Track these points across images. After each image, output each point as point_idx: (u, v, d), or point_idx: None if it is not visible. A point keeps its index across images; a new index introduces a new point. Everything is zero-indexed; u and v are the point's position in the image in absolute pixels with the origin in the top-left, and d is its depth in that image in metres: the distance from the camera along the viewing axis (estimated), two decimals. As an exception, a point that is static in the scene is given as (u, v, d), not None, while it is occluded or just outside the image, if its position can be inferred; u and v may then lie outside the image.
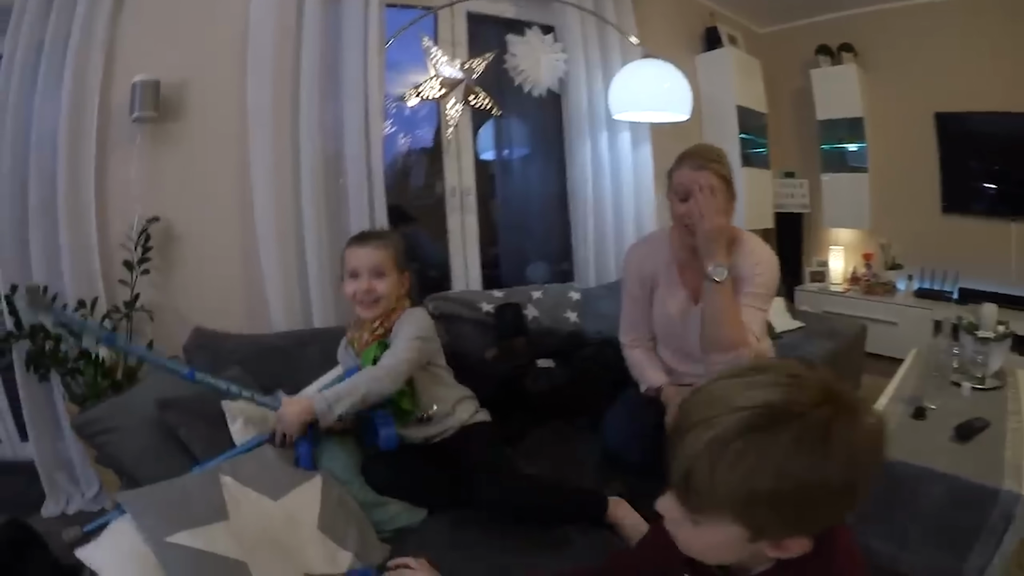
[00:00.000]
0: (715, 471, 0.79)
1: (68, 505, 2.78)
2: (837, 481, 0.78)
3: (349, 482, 1.91)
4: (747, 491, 0.78)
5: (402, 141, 3.73)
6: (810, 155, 5.44)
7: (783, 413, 0.79)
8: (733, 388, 0.84)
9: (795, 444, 0.77)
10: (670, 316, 2.30)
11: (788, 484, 0.77)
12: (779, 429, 0.78)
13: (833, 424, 0.78)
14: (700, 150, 2.15)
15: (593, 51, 3.79)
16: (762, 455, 0.78)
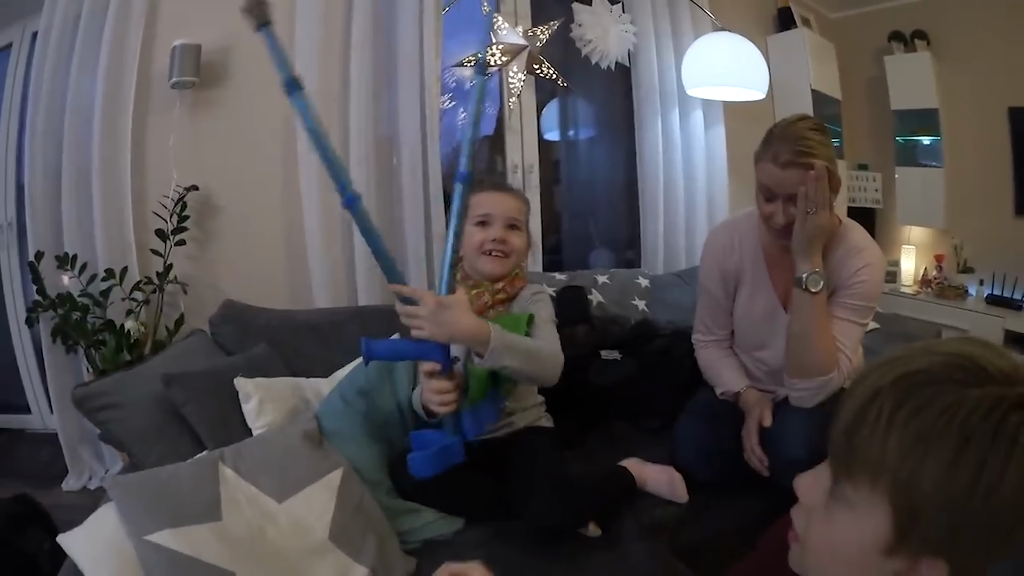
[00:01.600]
0: (893, 418, 0.63)
1: (90, 480, 2.73)
2: (1017, 486, 0.60)
3: (375, 484, 1.67)
4: (919, 457, 0.62)
5: (462, 116, 3.54)
6: (884, 147, 5.12)
7: (983, 371, 0.63)
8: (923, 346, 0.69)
9: (991, 410, 0.60)
10: (754, 320, 2.00)
11: (967, 469, 0.60)
12: (977, 386, 0.61)
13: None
14: (789, 133, 1.72)
15: (663, 23, 3.61)
16: (951, 413, 0.61)
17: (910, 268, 5.16)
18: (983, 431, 0.60)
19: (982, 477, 0.60)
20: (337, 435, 1.69)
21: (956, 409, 0.61)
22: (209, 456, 1.52)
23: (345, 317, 2.42)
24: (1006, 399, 0.61)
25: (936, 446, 0.61)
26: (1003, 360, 0.65)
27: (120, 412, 1.74)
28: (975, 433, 0.60)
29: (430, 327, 1.39)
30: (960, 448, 0.60)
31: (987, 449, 0.59)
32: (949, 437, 0.61)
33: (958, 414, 0.61)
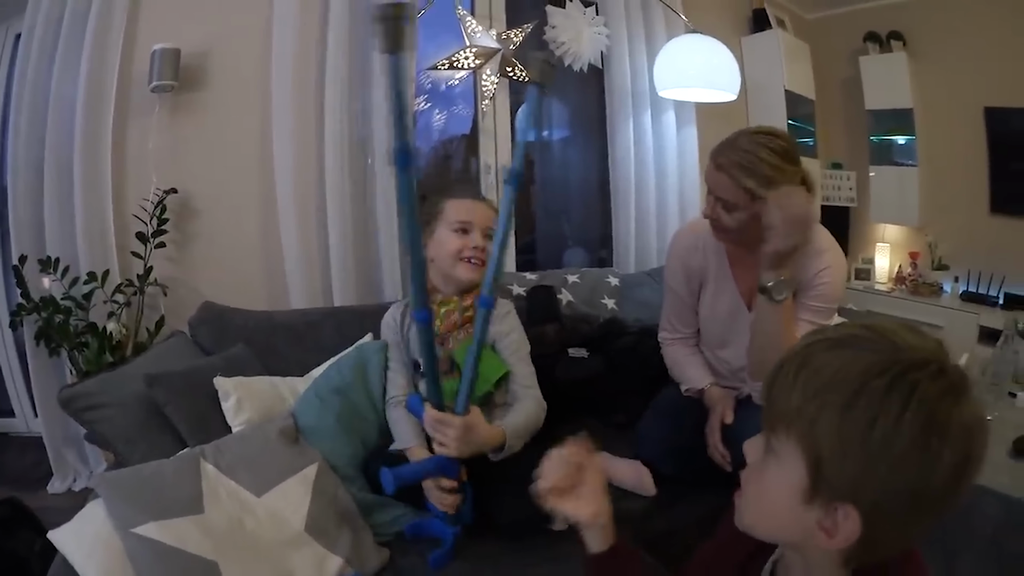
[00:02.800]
0: (799, 373, 0.71)
1: (75, 482, 2.73)
2: (917, 440, 0.65)
3: (349, 478, 1.72)
4: (818, 405, 0.69)
5: (437, 118, 3.58)
6: (858, 146, 5.18)
7: (891, 344, 0.69)
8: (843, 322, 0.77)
9: (883, 369, 0.66)
10: (718, 319, 2.03)
11: (861, 417, 0.66)
12: (879, 352, 0.69)
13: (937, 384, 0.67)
14: (743, 142, 1.72)
15: (636, 26, 3.64)
16: (847, 368, 0.68)
17: (884, 266, 5.20)
18: (876, 385, 0.65)
19: (876, 427, 0.65)
20: (313, 432, 1.74)
21: (852, 365, 0.68)
22: (191, 452, 1.57)
23: (320, 318, 2.44)
24: (903, 360, 0.67)
25: (831, 395, 0.67)
26: (915, 337, 0.70)
27: (105, 412, 1.77)
28: (868, 386, 0.66)
29: (459, 447, 1.50)
30: (853, 398, 0.66)
31: (880, 401, 0.65)
32: (844, 388, 0.67)
33: (853, 369, 0.67)
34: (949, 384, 0.67)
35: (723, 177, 1.71)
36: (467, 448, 1.51)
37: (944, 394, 0.66)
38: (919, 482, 0.66)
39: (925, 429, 0.64)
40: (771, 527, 0.82)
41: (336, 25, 2.71)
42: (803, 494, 0.72)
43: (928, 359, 0.67)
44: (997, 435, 2.04)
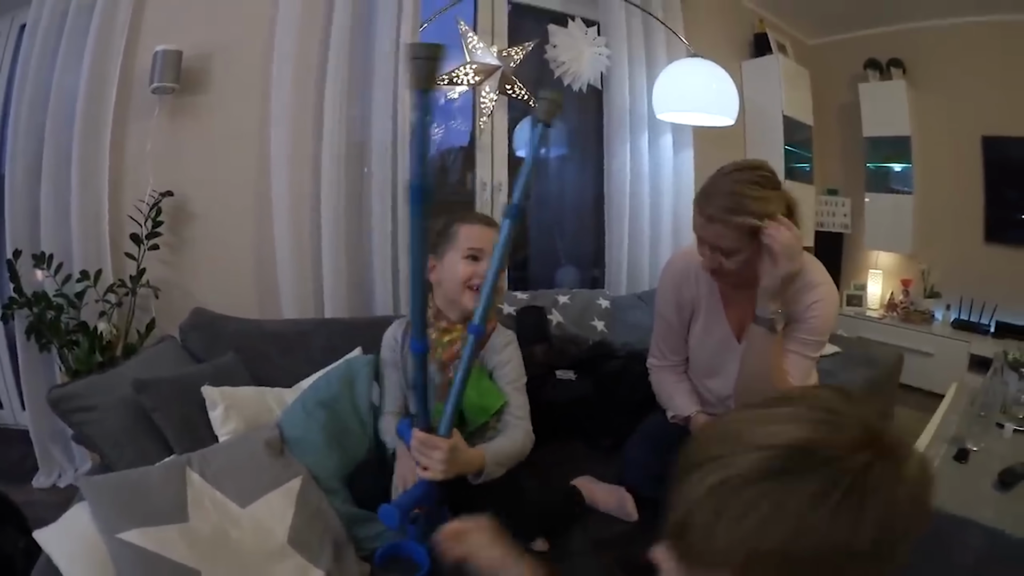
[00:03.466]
0: (718, 521, 0.65)
1: (60, 478, 2.73)
2: (866, 545, 0.62)
3: (333, 492, 1.73)
4: (752, 549, 0.64)
5: (436, 131, 3.59)
6: (854, 173, 5.24)
7: (810, 457, 0.64)
8: (754, 422, 0.70)
9: (820, 496, 0.62)
10: (708, 349, 2.02)
11: (804, 545, 0.62)
12: (803, 476, 0.63)
13: (871, 474, 0.63)
14: (722, 186, 1.71)
15: (637, 48, 3.66)
16: (777, 507, 0.63)
17: (876, 292, 5.23)
18: (821, 518, 0.62)
19: (833, 541, 0.62)
20: (298, 444, 1.75)
21: (784, 501, 0.63)
22: (177, 460, 1.57)
23: (311, 328, 2.45)
24: (840, 476, 0.62)
25: (770, 533, 0.63)
26: (838, 432, 0.65)
27: (93, 415, 1.78)
28: (811, 523, 0.62)
29: (446, 468, 1.51)
30: (795, 534, 0.62)
31: (830, 525, 0.62)
32: (779, 529, 0.63)
33: (787, 507, 0.63)
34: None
35: (716, 227, 1.69)
36: (452, 468, 1.52)
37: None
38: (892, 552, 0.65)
39: (879, 542, 0.63)
40: None
41: (337, 32, 2.73)
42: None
43: (859, 462, 0.64)
44: (983, 467, 2.07)
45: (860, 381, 3.16)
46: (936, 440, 2.32)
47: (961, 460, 2.14)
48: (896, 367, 3.70)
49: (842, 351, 3.51)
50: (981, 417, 2.43)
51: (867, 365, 3.37)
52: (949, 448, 2.23)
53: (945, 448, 2.24)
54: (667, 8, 3.72)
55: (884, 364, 3.52)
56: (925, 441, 2.30)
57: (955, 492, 1.93)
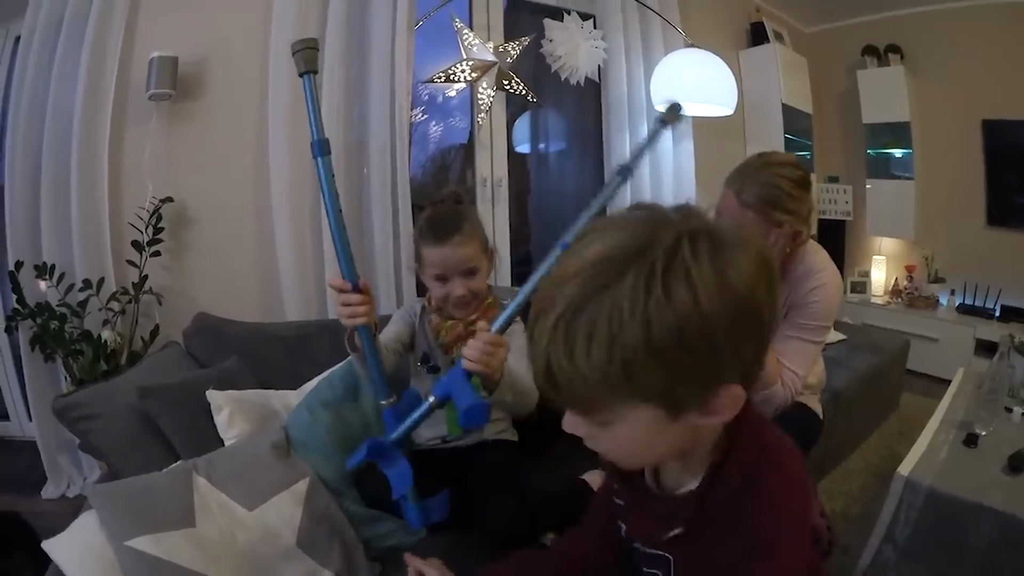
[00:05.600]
0: (573, 357, 0.67)
1: (69, 488, 2.72)
2: (717, 306, 0.65)
3: (341, 492, 1.71)
4: (621, 363, 0.65)
5: (434, 130, 3.59)
6: (855, 160, 5.24)
7: (617, 260, 0.66)
8: (566, 258, 0.72)
9: (644, 285, 0.64)
10: None
11: (659, 332, 0.64)
12: (621, 276, 0.65)
13: (682, 250, 0.66)
14: (764, 177, 1.75)
15: (634, 39, 3.66)
16: (613, 315, 0.65)
17: (881, 279, 5.22)
18: (659, 302, 0.64)
19: (685, 316, 0.64)
20: (303, 446, 1.74)
21: (616, 305, 0.65)
22: (183, 466, 1.57)
23: (314, 330, 2.45)
24: (659, 261, 0.65)
25: (624, 340, 0.65)
26: (654, 232, 0.68)
27: (99, 423, 1.78)
28: (652, 311, 0.64)
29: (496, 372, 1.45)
30: (645, 326, 0.64)
31: (669, 306, 0.64)
32: (629, 332, 0.64)
33: (620, 309, 0.65)
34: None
35: (751, 214, 1.73)
36: (494, 362, 1.44)
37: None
38: (753, 309, 0.68)
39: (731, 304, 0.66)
40: (657, 455, 0.82)
41: (333, 35, 2.72)
42: (668, 418, 0.73)
43: (675, 248, 0.66)
44: (992, 451, 2.06)
45: (864, 368, 3.17)
46: (945, 425, 2.31)
47: (970, 445, 2.13)
48: (902, 353, 3.70)
49: (847, 338, 3.51)
50: (989, 401, 2.41)
51: (873, 352, 3.37)
52: (958, 433, 2.22)
53: (954, 433, 2.23)
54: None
55: (890, 350, 3.53)
56: (933, 427, 2.29)
57: (965, 477, 1.93)
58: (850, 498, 2.78)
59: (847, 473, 3.00)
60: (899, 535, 1.93)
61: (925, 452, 2.07)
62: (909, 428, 3.31)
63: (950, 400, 2.56)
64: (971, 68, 4.55)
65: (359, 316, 1.49)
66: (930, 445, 2.13)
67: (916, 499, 1.90)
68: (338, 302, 1.50)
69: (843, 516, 2.63)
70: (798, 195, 1.73)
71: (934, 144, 4.80)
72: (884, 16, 4.98)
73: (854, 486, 2.88)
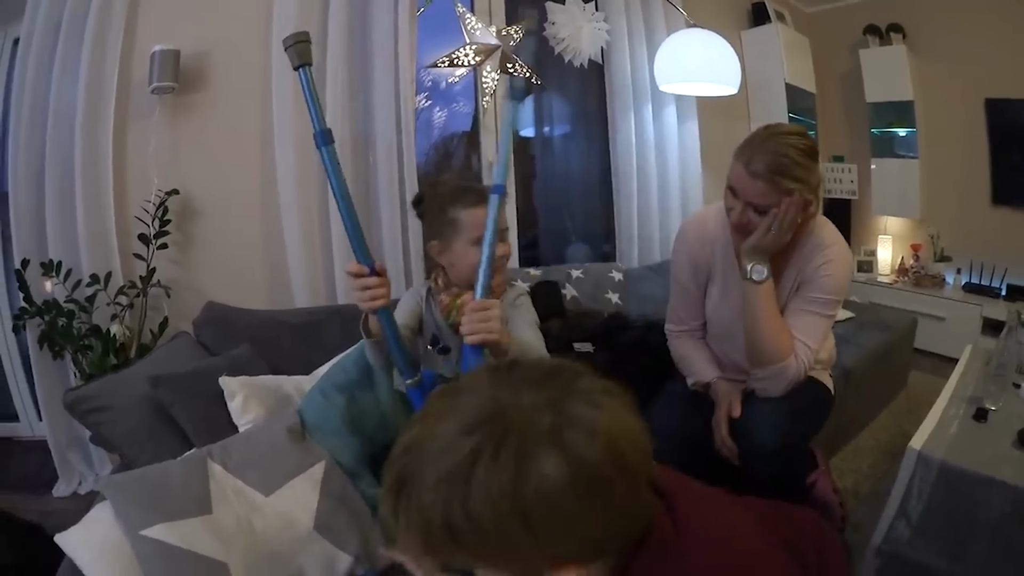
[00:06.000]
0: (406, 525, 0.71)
1: (80, 485, 2.73)
2: (503, 510, 0.65)
3: (357, 475, 1.71)
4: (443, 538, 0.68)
5: (437, 116, 3.58)
6: (859, 139, 5.20)
7: (447, 444, 0.69)
8: (427, 418, 0.75)
9: (453, 475, 0.67)
10: (724, 313, 2.02)
11: (459, 521, 0.66)
12: (443, 458, 0.69)
13: (492, 452, 0.66)
14: (772, 146, 1.72)
15: (636, 21, 3.65)
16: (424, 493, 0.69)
17: (887, 258, 5.21)
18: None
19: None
20: (318, 429, 1.72)
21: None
22: (198, 453, 1.56)
23: (324, 316, 2.45)
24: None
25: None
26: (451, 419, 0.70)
27: (110, 414, 1.77)
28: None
29: (501, 325, 1.49)
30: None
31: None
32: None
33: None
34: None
35: (760, 184, 1.71)
36: (505, 334, 1.51)
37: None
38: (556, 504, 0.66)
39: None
40: None
41: (336, 24, 2.71)
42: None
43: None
44: (1002, 426, 2.04)
45: (873, 346, 3.16)
46: (954, 400, 2.30)
47: (980, 420, 2.12)
48: (910, 332, 3.69)
49: (855, 316, 3.50)
50: (997, 377, 2.40)
51: (881, 330, 3.36)
52: (967, 408, 2.21)
53: (964, 408, 2.22)
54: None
55: (898, 329, 3.52)
56: (943, 402, 2.28)
57: (976, 451, 1.90)
58: (860, 475, 2.77)
59: (857, 451, 2.99)
60: (912, 510, 1.92)
61: (936, 427, 2.05)
62: (917, 406, 3.30)
63: (959, 376, 2.54)
64: (974, 46, 4.51)
65: (379, 299, 1.48)
66: (940, 420, 2.11)
67: (928, 473, 1.88)
68: (356, 287, 1.49)
69: (854, 493, 2.62)
70: (806, 164, 1.71)
71: (938, 123, 4.77)
72: (885, -5, 4.95)
73: (864, 464, 2.87)
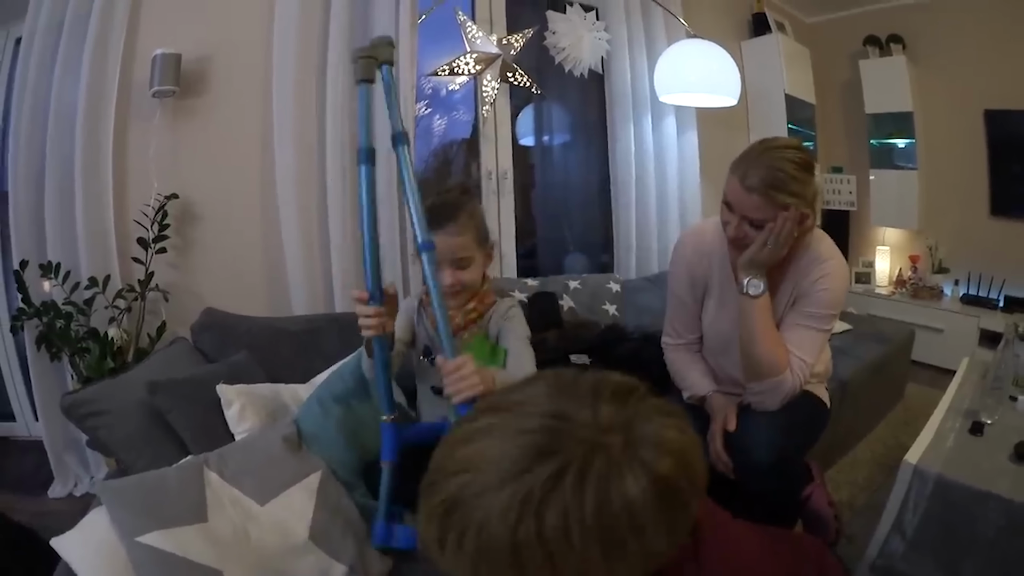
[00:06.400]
0: (443, 551, 0.66)
1: (76, 487, 2.72)
2: (587, 540, 0.62)
3: (353, 486, 1.72)
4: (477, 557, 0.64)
5: (438, 123, 3.58)
6: (858, 150, 5.20)
7: (508, 470, 0.64)
8: (466, 438, 0.71)
9: (521, 504, 0.62)
10: (721, 326, 2.04)
11: (529, 552, 0.62)
12: (502, 487, 0.64)
13: (574, 480, 0.63)
14: (767, 160, 1.72)
15: (637, 31, 3.65)
16: (483, 522, 0.63)
17: (885, 269, 5.21)
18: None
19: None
20: (315, 439, 1.73)
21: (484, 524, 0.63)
22: (194, 460, 1.57)
23: (322, 324, 2.45)
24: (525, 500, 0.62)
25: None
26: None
27: (107, 419, 1.78)
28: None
29: (481, 380, 1.45)
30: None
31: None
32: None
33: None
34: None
35: (755, 198, 1.72)
36: (484, 381, 1.46)
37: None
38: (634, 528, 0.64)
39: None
40: None
41: (337, 29, 2.71)
42: None
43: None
44: (999, 440, 2.04)
45: (870, 358, 3.16)
46: (951, 414, 2.30)
47: (976, 433, 2.12)
48: (907, 344, 3.69)
49: (853, 328, 3.51)
50: (994, 390, 2.40)
51: (878, 342, 3.37)
52: (964, 422, 2.21)
53: (960, 421, 2.23)
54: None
55: (895, 341, 3.52)
56: (940, 415, 2.29)
57: (972, 465, 1.91)
58: (856, 488, 2.78)
59: (853, 463, 3.00)
60: (907, 524, 1.93)
61: (932, 441, 2.06)
62: (914, 418, 3.31)
63: (956, 389, 2.55)
64: (973, 57, 4.52)
65: (370, 328, 1.48)
66: (937, 433, 2.12)
67: (924, 487, 1.89)
68: (357, 313, 1.50)
69: (849, 506, 2.62)
70: (802, 177, 1.72)
71: (937, 134, 4.78)
72: (886, 6, 4.95)
73: (860, 476, 2.88)
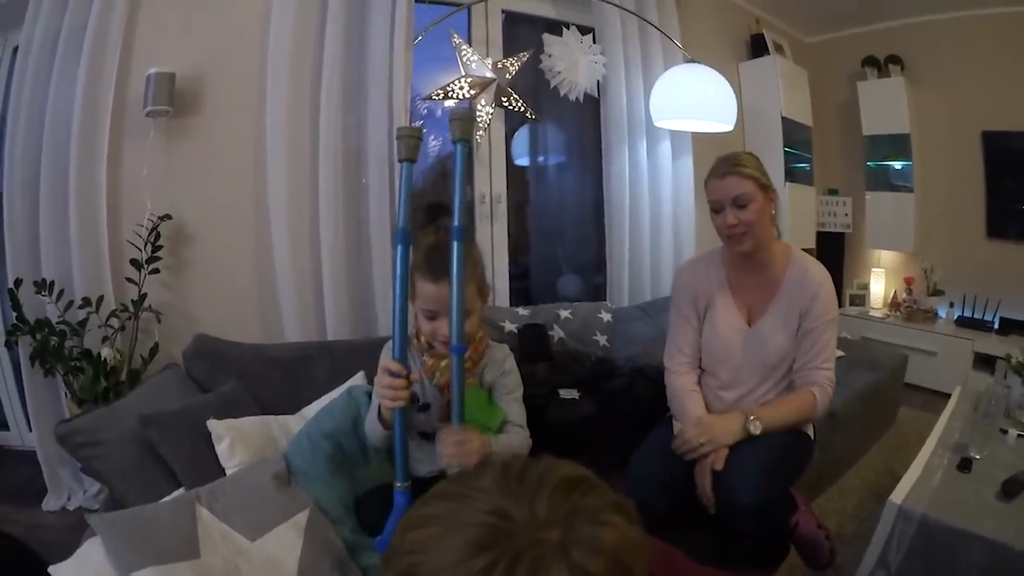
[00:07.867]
0: None
1: (69, 501, 2.72)
2: None
3: (340, 521, 1.73)
4: None
5: (432, 144, 3.58)
6: (854, 172, 5.24)
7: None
8: (416, 521, 0.66)
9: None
10: (723, 339, 2.13)
11: None
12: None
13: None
14: (725, 157, 2.06)
15: (633, 54, 3.66)
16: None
17: (880, 291, 5.22)
18: None
19: None
20: (304, 475, 1.76)
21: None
22: (186, 496, 1.59)
23: (313, 351, 2.46)
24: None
25: None
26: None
27: (101, 449, 1.79)
28: None
29: (479, 450, 1.56)
30: None
31: None
32: None
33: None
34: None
35: (729, 179, 1.98)
36: (483, 454, 1.56)
37: None
38: None
39: None
40: None
41: (330, 47, 2.72)
42: None
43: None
44: (985, 476, 2.05)
45: (862, 386, 3.17)
46: (940, 448, 2.30)
47: (964, 470, 2.12)
48: (900, 369, 3.69)
49: (845, 354, 3.50)
50: (985, 424, 2.40)
51: (870, 370, 3.36)
52: (952, 457, 2.21)
53: (948, 457, 2.23)
54: (662, 12, 3.72)
55: (888, 367, 3.52)
56: (928, 450, 2.29)
57: (958, 504, 1.91)
58: (844, 516, 2.78)
59: (842, 491, 3.00)
60: (891, 561, 1.93)
61: (919, 478, 2.07)
62: (906, 444, 3.33)
63: (946, 420, 2.55)
64: (971, 79, 4.55)
65: (399, 400, 1.55)
66: (924, 470, 2.12)
67: (908, 527, 1.89)
68: (385, 384, 1.54)
69: (837, 535, 2.61)
70: (755, 161, 2.05)
71: (934, 155, 4.80)
72: (884, 27, 4.98)
73: (849, 504, 2.88)
